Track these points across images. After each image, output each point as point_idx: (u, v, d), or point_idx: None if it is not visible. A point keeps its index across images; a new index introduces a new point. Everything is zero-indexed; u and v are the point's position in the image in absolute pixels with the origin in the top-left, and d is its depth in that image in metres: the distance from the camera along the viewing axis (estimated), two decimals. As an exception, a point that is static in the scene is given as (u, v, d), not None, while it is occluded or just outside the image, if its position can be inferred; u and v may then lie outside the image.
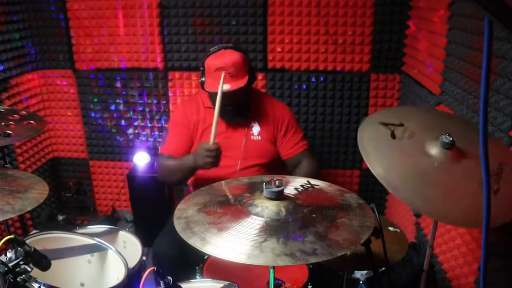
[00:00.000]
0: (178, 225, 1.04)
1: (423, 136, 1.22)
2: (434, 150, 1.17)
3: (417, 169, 1.15)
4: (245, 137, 2.01)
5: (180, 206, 1.15)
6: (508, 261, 1.31)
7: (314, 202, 1.14)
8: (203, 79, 1.92)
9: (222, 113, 1.91)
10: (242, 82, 1.82)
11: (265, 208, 1.06)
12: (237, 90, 1.82)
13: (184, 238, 0.99)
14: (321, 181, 1.29)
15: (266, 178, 1.26)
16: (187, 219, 1.06)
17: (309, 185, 1.25)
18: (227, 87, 1.79)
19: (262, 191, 1.10)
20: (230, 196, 1.21)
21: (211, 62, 1.85)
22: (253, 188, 1.22)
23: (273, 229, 1.00)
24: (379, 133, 1.20)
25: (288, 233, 0.98)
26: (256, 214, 1.05)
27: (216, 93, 1.76)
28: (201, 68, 1.93)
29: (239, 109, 1.93)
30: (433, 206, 1.09)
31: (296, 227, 1.01)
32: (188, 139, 2.03)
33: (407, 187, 1.10)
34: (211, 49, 1.88)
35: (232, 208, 1.10)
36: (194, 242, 0.97)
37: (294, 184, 1.24)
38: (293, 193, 1.18)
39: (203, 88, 1.93)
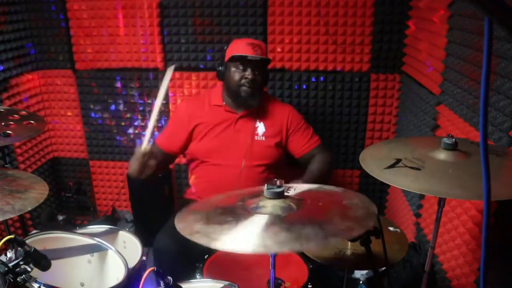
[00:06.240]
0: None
1: (423, 150, 1.25)
2: (439, 154, 1.20)
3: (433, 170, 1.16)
4: (251, 137, 2.01)
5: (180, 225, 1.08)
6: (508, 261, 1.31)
7: (316, 198, 1.14)
8: (220, 68, 1.99)
9: (235, 96, 1.97)
10: (265, 56, 1.94)
11: (269, 206, 1.06)
12: (260, 64, 1.91)
13: (193, 239, 0.97)
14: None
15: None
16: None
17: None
18: (251, 54, 1.88)
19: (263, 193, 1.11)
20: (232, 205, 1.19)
21: (236, 41, 1.99)
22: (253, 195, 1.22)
23: (277, 221, 1.00)
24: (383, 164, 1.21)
25: (292, 223, 0.98)
26: (260, 212, 1.05)
27: (240, 57, 1.89)
28: (218, 61, 2.02)
29: (255, 93, 1.96)
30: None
31: (300, 218, 1.01)
32: (182, 139, 2.07)
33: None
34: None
35: (236, 212, 1.09)
36: (200, 240, 0.96)
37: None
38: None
39: (220, 76, 2.02)
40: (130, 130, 2.88)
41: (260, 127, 2.03)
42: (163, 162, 2.13)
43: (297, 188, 1.22)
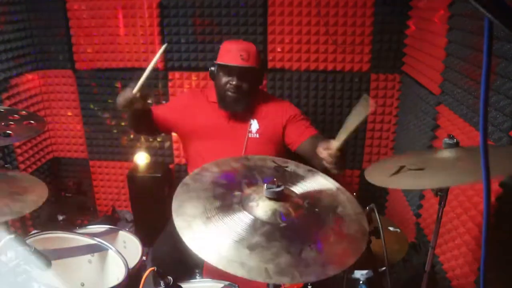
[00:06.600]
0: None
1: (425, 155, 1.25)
2: (441, 154, 1.20)
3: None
4: (245, 134, 2.01)
5: (180, 223, 1.03)
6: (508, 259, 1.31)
7: (313, 201, 1.14)
8: (212, 68, 1.99)
9: (222, 100, 1.97)
10: (250, 64, 1.90)
11: (268, 210, 1.05)
12: (244, 71, 1.88)
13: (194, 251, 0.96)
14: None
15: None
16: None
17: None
18: (236, 64, 1.87)
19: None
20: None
21: (226, 45, 1.96)
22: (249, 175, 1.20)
23: (277, 236, 0.99)
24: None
25: (292, 240, 0.97)
26: (260, 217, 1.04)
27: (225, 65, 1.88)
28: (215, 62, 1.99)
29: (239, 98, 1.94)
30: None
31: (299, 233, 1.01)
32: (171, 122, 2.09)
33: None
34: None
35: (235, 210, 1.08)
36: (201, 253, 0.94)
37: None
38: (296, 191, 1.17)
39: (211, 76, 2.00)
40: (130, 130, 2.88)
41: (254, 124, 2.02)
42: (149, 126, 2.09)
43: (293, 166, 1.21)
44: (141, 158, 2.74)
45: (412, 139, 2.28)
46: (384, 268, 1.59)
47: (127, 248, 1.73)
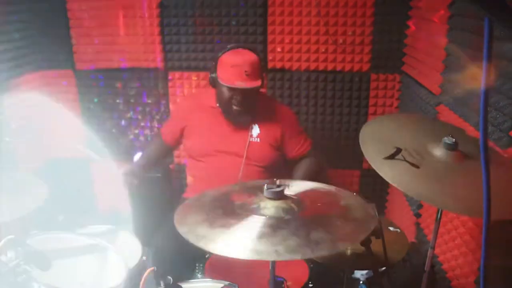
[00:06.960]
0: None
1: (424, 140, 1.23)
2: (438, 152, 1.19)
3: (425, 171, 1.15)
4: (246, 138, 2.01)
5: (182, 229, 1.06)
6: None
7: (314, 199, 1.15)
8: (213, 75, 1.95)
9: (226, 112, 1.94)
10: (256, 83, 1.87)
11: (271, 207, 1.06)
12: (250, 89, 1.85)
13: (200, 246, 0.97)
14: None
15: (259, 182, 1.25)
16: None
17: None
18: (241, 84, 1.83)
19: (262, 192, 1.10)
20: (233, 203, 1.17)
21: (228, 58, 1.89)
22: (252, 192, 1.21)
23: (283, 225, 0.99)
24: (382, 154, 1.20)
25: (298, 227, 0.98)
26: (263, 214, 1.05)
27: (230, 87, 1.84)
28: (213, 63, 1.96)
29: (244, 111, 1.93)
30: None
31: (304, 221, 1.01)
32: (177, 131, 2.12)
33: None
34: (227, 47, 1.95)
35: (238, 213, 1.09)
36: (208, 247, 0.95)
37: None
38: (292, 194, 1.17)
39: (212, 84, 1.98)
40: (130, 130, 2.88)
41: (255, 129, 2.03)
42: (162, 154, 2.29)
43: (293, 185, 1.23)
44: (141, 158, 2.73)
45: (412, 139, 2.28)
46: (384, 268, 1.60)
47: (127, 248, 1.73)
